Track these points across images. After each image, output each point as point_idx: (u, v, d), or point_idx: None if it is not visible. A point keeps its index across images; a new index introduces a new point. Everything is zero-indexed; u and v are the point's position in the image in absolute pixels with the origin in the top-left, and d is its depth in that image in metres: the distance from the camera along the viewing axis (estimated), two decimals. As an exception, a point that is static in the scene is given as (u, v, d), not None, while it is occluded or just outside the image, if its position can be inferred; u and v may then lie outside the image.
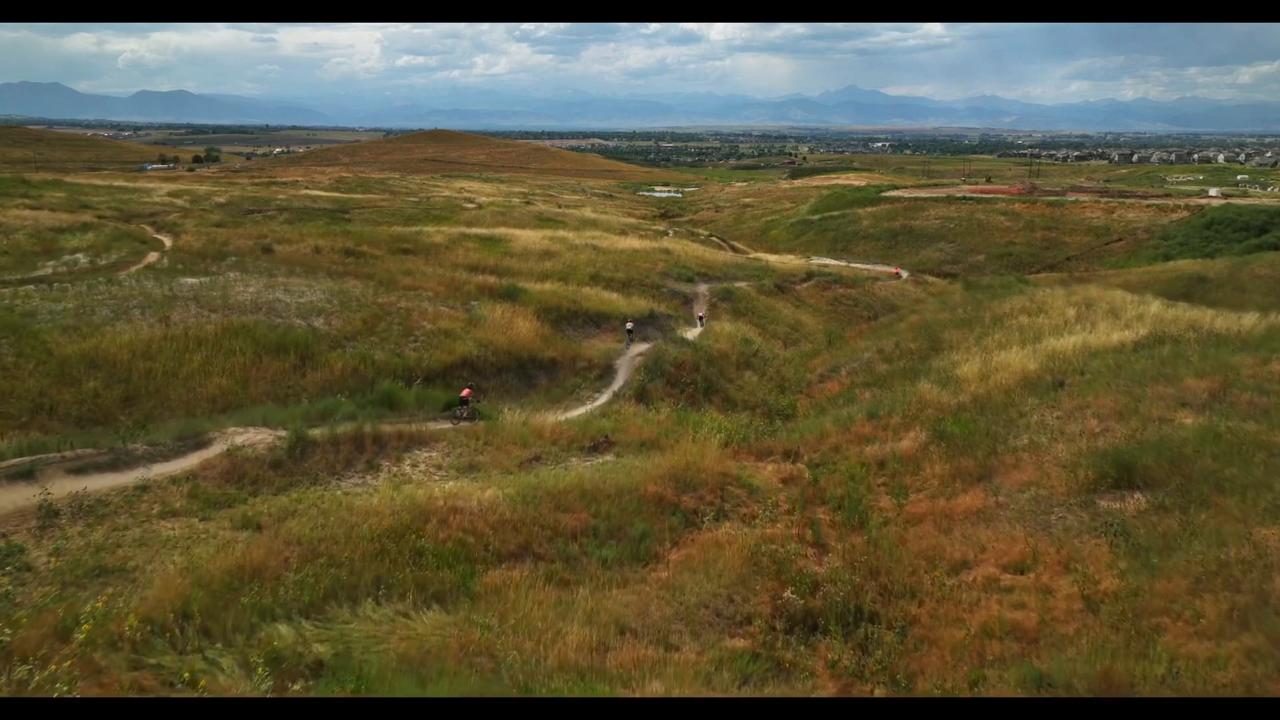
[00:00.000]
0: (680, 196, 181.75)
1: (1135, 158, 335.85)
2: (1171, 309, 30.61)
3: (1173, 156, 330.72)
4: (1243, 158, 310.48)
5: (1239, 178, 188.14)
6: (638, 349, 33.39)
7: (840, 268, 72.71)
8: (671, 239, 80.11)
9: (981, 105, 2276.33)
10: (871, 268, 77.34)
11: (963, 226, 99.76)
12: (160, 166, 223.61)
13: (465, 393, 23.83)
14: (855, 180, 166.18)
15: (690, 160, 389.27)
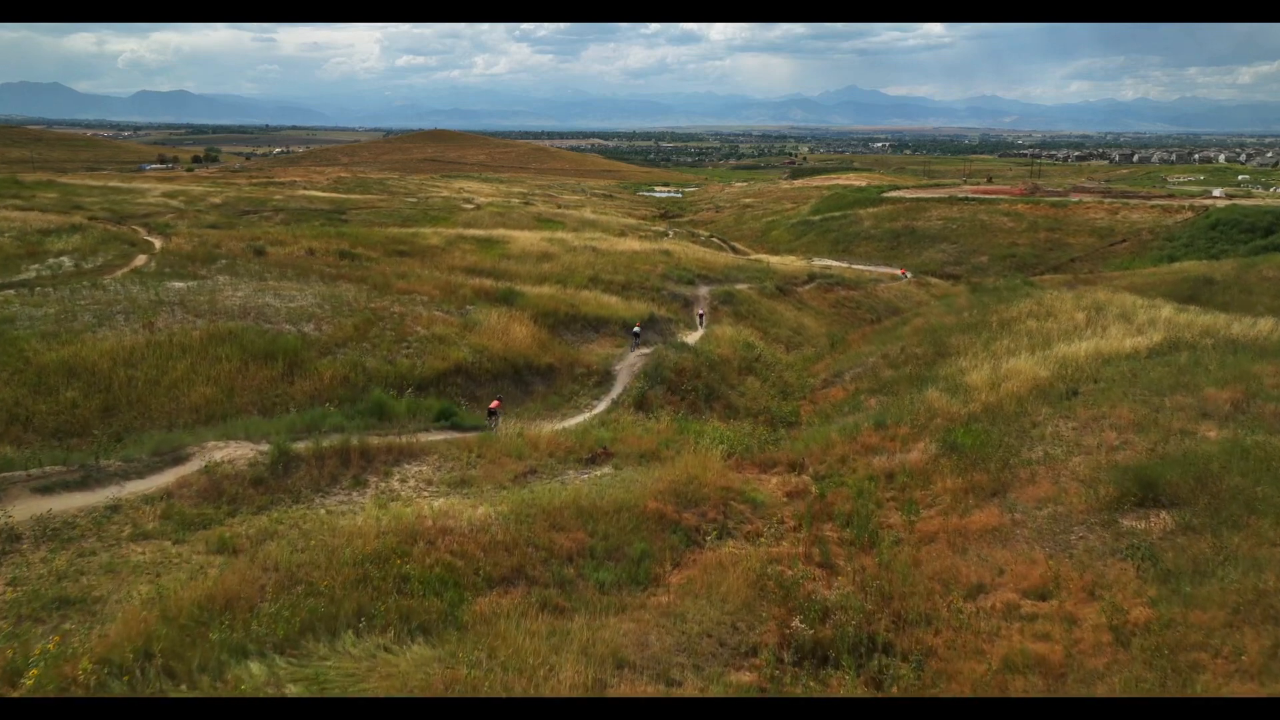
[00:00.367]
0: (680, 197, 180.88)
1: (1136, 158, 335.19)
2: (1184, 313, 29.92)
3: (1173, 157, 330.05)
4: (1243, 158, 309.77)
5: (1240, 178, 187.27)
6: (638, 353, 32.65)
7: (842, 269, 71.90)
8: (671, 240, 79.35)
9: (981, 105, 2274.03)
10: (874, 269, 76.53)
11: (965, 227, 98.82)
12: (159, 167, 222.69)
13: (494, 404, 23.57)
14: (856, 180, 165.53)
15: (690, 160, 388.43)
